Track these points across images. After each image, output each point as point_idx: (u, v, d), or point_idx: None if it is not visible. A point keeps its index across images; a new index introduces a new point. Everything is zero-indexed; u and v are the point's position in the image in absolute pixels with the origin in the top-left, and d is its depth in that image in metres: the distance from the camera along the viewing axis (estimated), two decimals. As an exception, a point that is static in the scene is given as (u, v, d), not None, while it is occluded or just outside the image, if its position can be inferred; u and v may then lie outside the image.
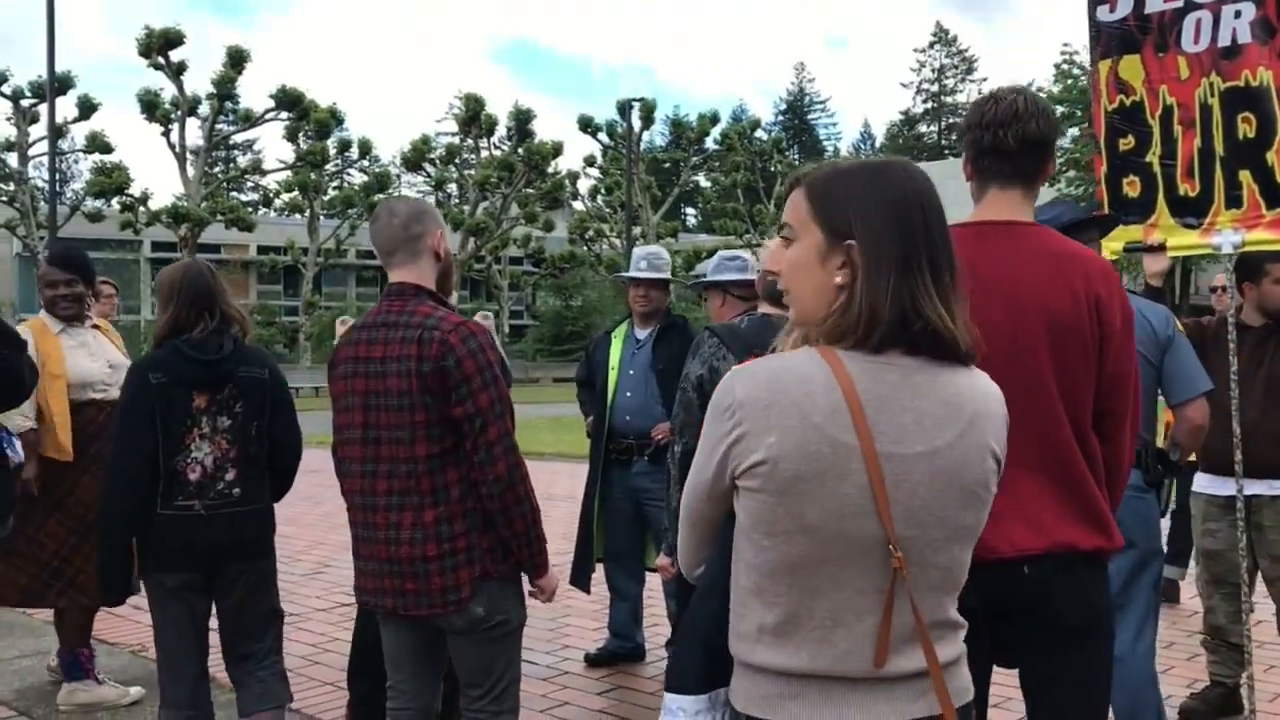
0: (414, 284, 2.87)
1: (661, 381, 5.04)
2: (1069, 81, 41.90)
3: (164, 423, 3.31)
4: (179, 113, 30.78)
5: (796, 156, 53.37)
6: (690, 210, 68.50)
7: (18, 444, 4.12)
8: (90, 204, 33.38)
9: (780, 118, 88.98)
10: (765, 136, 50.13)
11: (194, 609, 3.47)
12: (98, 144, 31.74)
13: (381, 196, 37.31)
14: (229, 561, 3.46)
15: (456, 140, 40.34)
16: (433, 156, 38.39)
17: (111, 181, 30.54)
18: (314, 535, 8.90)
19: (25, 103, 32.34)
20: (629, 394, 5.13)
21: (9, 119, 32.89)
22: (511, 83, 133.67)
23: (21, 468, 4.28)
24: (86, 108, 31.31)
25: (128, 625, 5.90)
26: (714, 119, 42.24)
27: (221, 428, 3.41)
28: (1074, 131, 42.72)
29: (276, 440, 3.53)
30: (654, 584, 5.34)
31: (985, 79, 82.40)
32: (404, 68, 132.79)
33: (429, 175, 40.11)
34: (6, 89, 32.04)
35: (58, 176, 31.24)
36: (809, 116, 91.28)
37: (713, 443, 1.53)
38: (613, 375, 5.18)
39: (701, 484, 1.59)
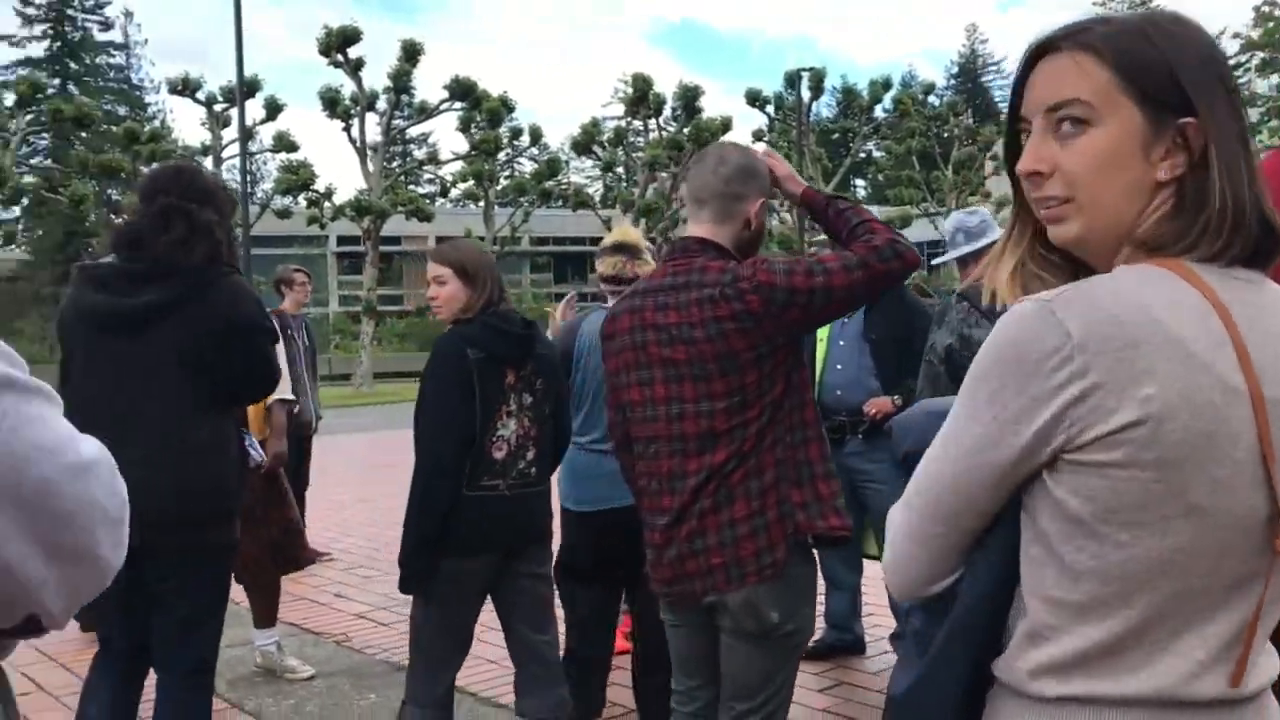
0: (705, 239, 2.60)
1: (876, 352, 4.64)
2: (1269, 25, 39.02)
3: (481, 399, 3.20)
4: (358, 108, 31.66)
5: (971, 120, 51.57)
6: (859, 181, 67.04)
7: (258, 445, 4.23)
8: (279, 201, 34.73)
9: (952, 81, 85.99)
10: (937, 101, 48.43)
11: (478, 598, 3.38)
12: (284, 143, 32.96)
13: (551, 183, 37.82)
14: (524, 545, 3.36)
15: (623, 123, 40.40)
16: (601, 139, 38.44)
17: (298, 179, 31.67)
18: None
19: (217, 108, 33.86)
20: (839, 367, 4.74)
21: (203, 124, 34.52)
22: (674, 65, 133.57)
23: (259, 468, 4.33)
24: (273, 109, 32.53)
25: (331, 614, 5.88)
26: (886, 85, 40.98)
27: (525, 405, 3.32)
28: (1275, 79, 39.87)
29: (555, 420, 3.45)
30: (872, 571, 4.96)
31: (1174, 27, 77.26)
32: (566, 55, 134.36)
33: (598, 158, 40.27)
34: (200, 95, 33.59)
35: (248, 177, 32.69)
36: (982, 79, 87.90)
37: (1020, 406, 1.11)
38: (820, 348, 4.79)
39: (985, 466, 1.15)
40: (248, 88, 27.86)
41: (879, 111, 42.46)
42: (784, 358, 2.50)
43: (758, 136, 42.85)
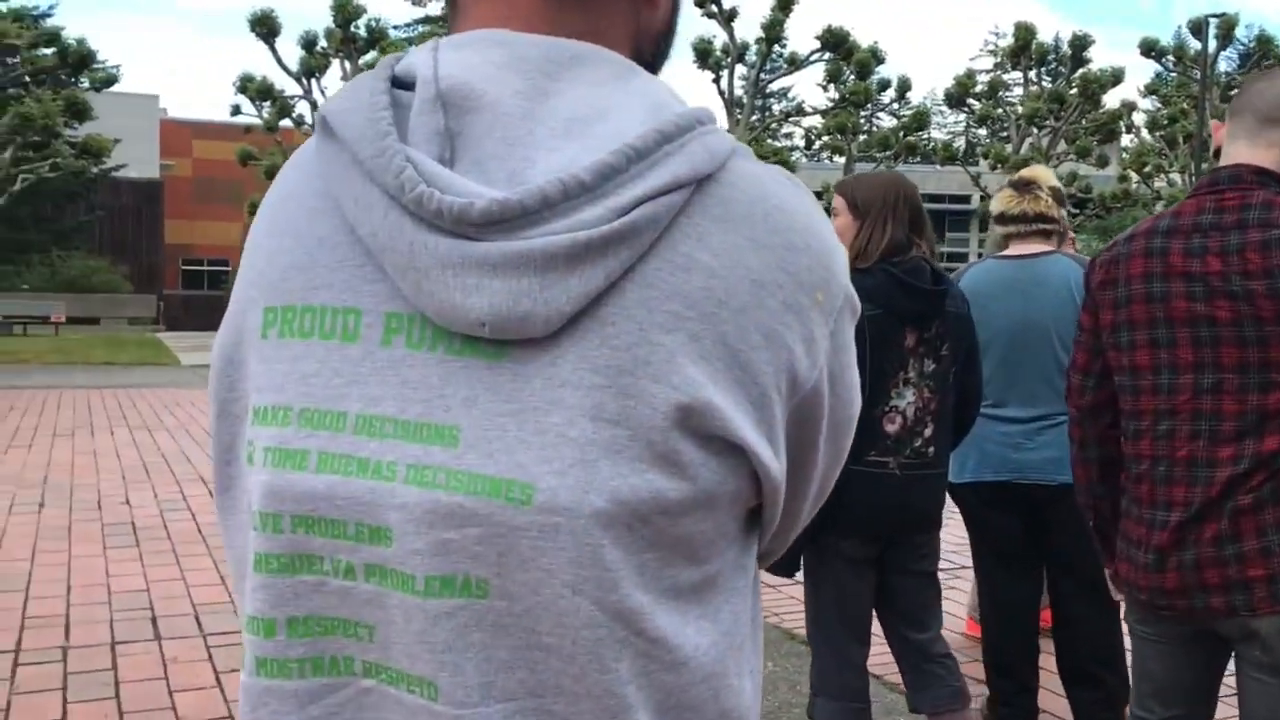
0: (1264, 168, 2.10)
1: None
2: None
3: (873, 362, 2.78)
4: (729, 59, 31.72)
5: None
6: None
7: None
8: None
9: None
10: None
11: (869, 585, 3.01)
12: (655, 95, 33.62)
13: (922, 137, 36.47)
14: (913, 533, 2.97)
15: (996, 75, 38.27)
16: (976, 91, 36.54)
17: (667, 131, 32.23)
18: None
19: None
20: None
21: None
22: (1050, 17, 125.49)
23: None
24: (647, 61, 33.26)
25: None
26: (1311, 32, 36.28)
27: (927, 373, 2.87)
28: None
29: (965, 391, 2.97)
30: None
31: None
32: (931, 6, 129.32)
33: (971, 111, 38.39)
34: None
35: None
36: None
37: None
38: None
39: None
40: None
41: (1294, 64, 37.80)
42: None
43: (1151, 90, 39.45)
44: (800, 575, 3.12)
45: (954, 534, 4.44)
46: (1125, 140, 40.75)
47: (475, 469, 0.76)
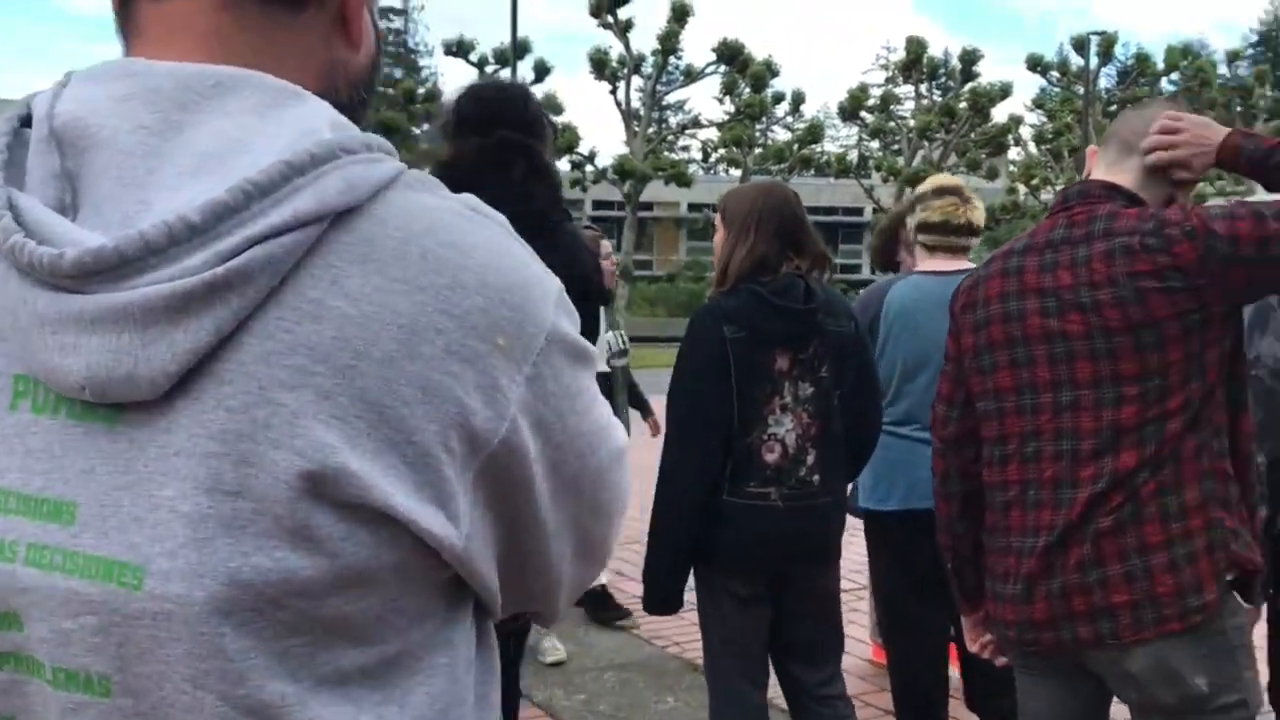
0: (1108, 182, 2.07)
1: None
2: None
3: (740, 389, 2.61)
4: (625, 70, 31.67)
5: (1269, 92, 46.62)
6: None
7: None
8: (542, 164, 35.33)
9: (1251, 51, 79.04)
10: (1226, 74, 44.50)
11: (761, 622, 2.78)
12: (550, 105, 33.42)
13: (816, 149, 36.92)
14: (802, 566, 2.77)
15: (888, 88, 39.03)
16: (869, 104, 37.11)
17: (563, 140, 32.07)
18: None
19: (489, 69, 34.70)
20: None
21: (474, 85, 35.51)
22: (939, 31, 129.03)
23: None
24: (541, 70, 33.03)
25: (614, 594, 5.40)
26: (1185, 51, 37.75)
27: (804, 396, 2.68)
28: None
29: (859, 413, 2.75)
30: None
31: None
32: (823, 20, 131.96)
33: (864, 124, 38.96)
34: (473, 57, 34.50)
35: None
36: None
37: None
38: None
39: None
40: (519, 48, 28.31)
41: (1165, 84, 39.28)
42: (1219, 334, 1.97)
43: (1037, 104, 40.63)
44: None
45: (857, 553, 4.22)
46: (1013, 153, 41.89)
47: (90, 550, 0.68)
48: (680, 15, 31.18)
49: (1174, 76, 38.78)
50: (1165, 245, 1.91)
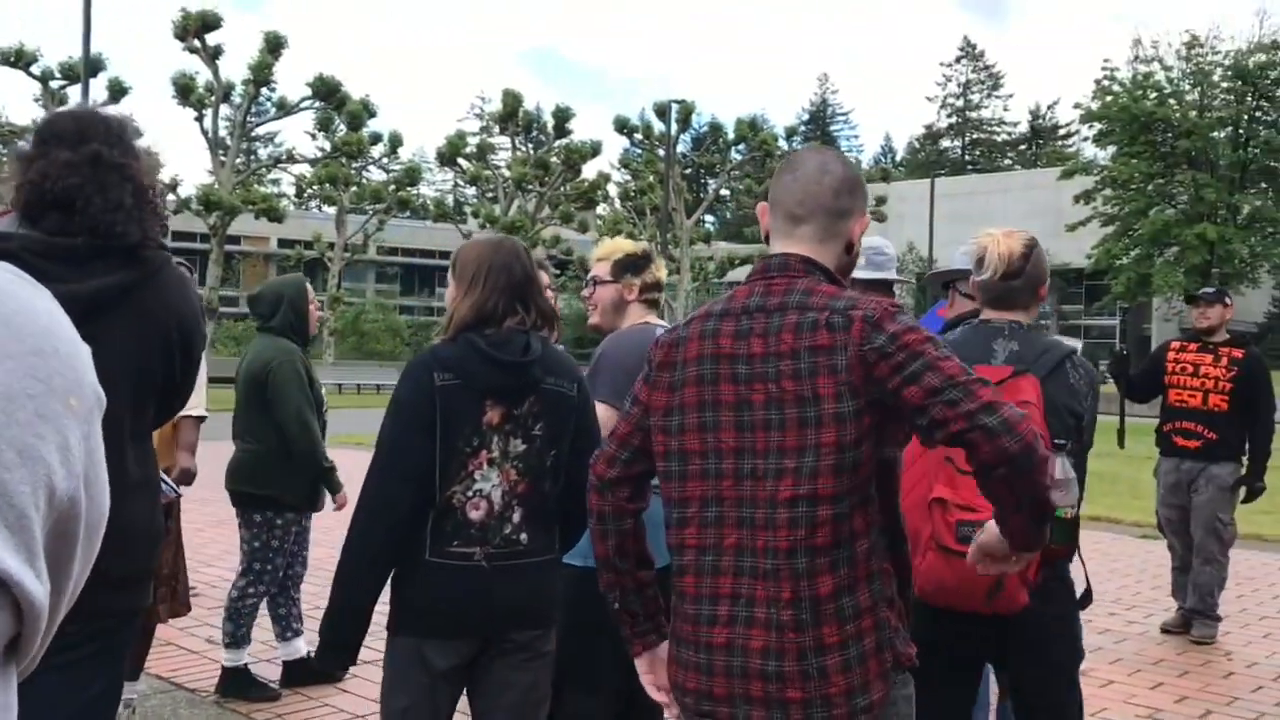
0: (810, 258, 2.08)
1: None
2: (1108, 99, 41.26)
3: (445, 439, 2.52)
4: (213, 98, 30.05)
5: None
6: (710, 218, 67.87)
7: (170, 481, 3.58)
8: (116, 189, 32.67)
9: (803, 128, 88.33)
10: (785, 146, 49.63)
11: (453, 691, 2.66)
12: (126, 128, 31.07)
13: (413, 192, 36.85)
14: (511, 630, 2.64)
15: (484, 138, 39.79)
16: (466, 152, 37.63)
17: (142, 167, 29.89)
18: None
19: (54, 84, 31.65)
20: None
21: (37, 100, 32.21)
22: (533, 87, 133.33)
23: (177, 503, 3.78)
24: (117, 91, 30.60)
25: (205, 664, 5.08)
26: (752, 125, 41.50)
27: (514, 453, 2.62)
28: (1112, 149, 42.10)
29: (572, 478, 2.66)
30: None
31: (1011, 95, 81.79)
32: (422, 67, 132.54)
33: (462, 171, 39.45)
34: (35, 69, 31.34)
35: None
36: (831, 128, 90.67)
37: None
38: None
39: None
40: (91, 66, 26.08)
41: (734, 153, 43.05)
42: (870, 430, 1.95)
43: (624, 164, 42.94)
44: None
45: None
46: (601, 209, 44.01)
47: None
48: (274, 46, 30.08)
49: (741, 146, 42.52)
50: (846, 323, 1.95)
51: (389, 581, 2.62)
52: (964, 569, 2.50)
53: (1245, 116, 41.20)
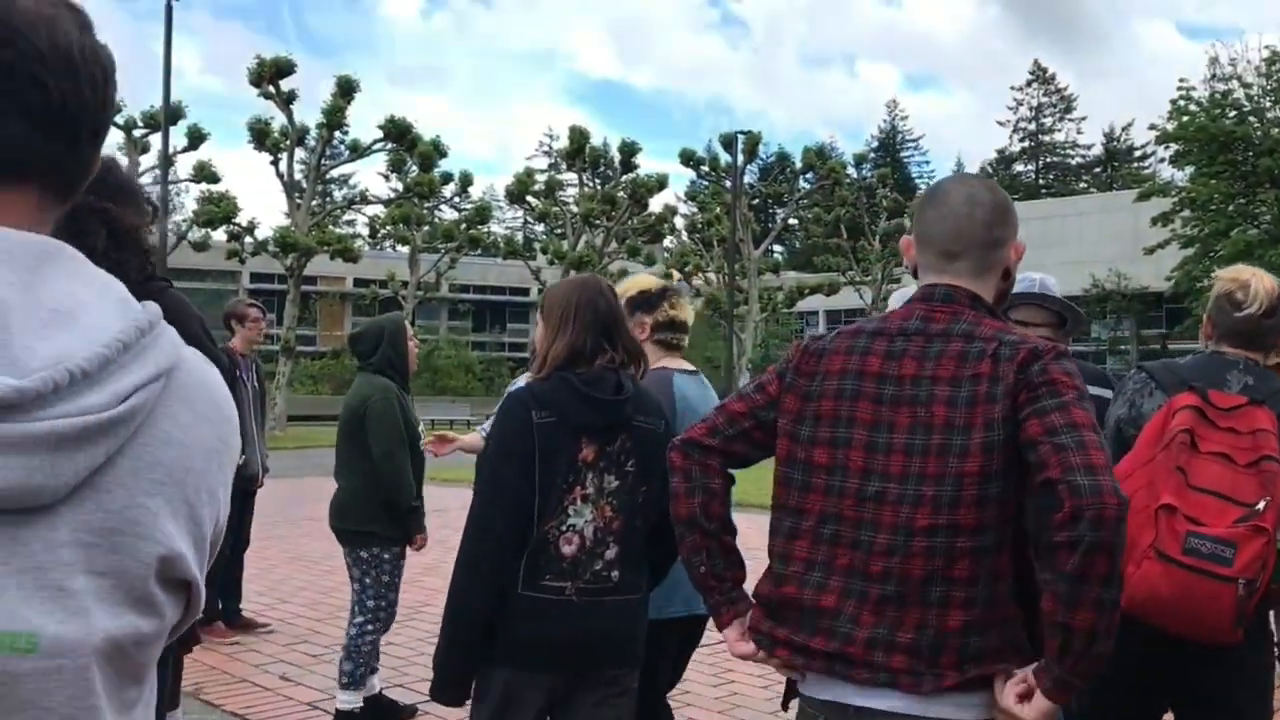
0: (973, 292, 2.05)
1: None
2: (1184, 119, 40.42)
3: (543, 476, 2.58)
4: (288, 142, 30.74)
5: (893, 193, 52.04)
6: (778, 248, 67.87)
7: None
8: (196, 233, 33.49)
9: (872, 155, 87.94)
10: (854, 174, 49.38)
11: None
12: (205, 174, 31.86)
13: (484, 230, 37.25)
14: (600, 667, 2.67)
15: (551, 174, 40.20)
16: (534, 189, 38.03)
17: (220, 210, 30.58)
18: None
19: (137, 133, 32.65)
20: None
21: (120, 149, 33.24)
22: (595, 123, 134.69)
23: None
24: (195, 138, 31.46)
25: (279, 702, 5.11)
26: (820, 153, 41.41)
27: (608, 489, 2.66)
28: (1189, 170, 41.21)
29: (665, 513, 2.58)
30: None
31: (1085, 117, 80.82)
32: (480, 108, 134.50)
33: (531, 208, 39.87)
34: (119, 119, 32.37)
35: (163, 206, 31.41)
36: (901, 155, 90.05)
37: None
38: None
39: None
40: (172, 114, 26.89)
41: (802, 182, 42.96)
42: (1015, 463, 1.87)
43: (690, 196, 43.08)
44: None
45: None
46: (668, 241, 44.15)
47: None
48: (346, 90, 30.74)
49: (809, 175, 42.44)
50: (1013, 354, 1.91)
51: None
52: (1185, 582, 2.40)
53: (1329, 132, 40.08)
